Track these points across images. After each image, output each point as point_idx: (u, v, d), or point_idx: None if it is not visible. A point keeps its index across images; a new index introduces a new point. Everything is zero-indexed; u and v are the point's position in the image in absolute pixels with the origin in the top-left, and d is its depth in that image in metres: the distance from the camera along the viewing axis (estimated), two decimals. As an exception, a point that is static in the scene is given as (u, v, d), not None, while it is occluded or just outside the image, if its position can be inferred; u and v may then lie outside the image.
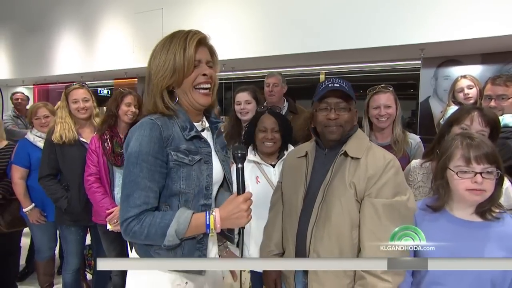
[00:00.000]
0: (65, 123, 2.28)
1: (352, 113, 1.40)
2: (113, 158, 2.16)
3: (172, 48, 1.13)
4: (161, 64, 1.13)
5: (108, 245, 2.29)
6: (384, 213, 1.25)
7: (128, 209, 1.07)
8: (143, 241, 1.09)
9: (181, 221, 1.07)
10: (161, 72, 1.13)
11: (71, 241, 2.38)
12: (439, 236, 1.19)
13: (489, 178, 1.18)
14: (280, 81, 2.92)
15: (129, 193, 1.07)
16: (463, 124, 1.55)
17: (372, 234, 1.25)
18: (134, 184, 1.07)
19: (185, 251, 1.14)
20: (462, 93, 2.50)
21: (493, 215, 1.23)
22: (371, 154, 1.35)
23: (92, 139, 2.23)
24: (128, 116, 2.20)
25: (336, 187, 1.33)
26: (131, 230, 1.07)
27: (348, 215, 1.30)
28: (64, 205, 2.27)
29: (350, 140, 1.39)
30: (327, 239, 1.31)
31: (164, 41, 1.16)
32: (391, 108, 2.02)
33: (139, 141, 1.07)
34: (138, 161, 1.07)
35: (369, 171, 1.30)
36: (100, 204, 2.14)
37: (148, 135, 1.08)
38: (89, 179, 2.17)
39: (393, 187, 1.28)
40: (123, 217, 1.07)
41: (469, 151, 1.20)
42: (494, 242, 1.19)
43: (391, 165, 1.31)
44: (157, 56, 1.15)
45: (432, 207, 1.31)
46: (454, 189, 1.24)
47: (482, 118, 1.53)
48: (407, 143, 2.04)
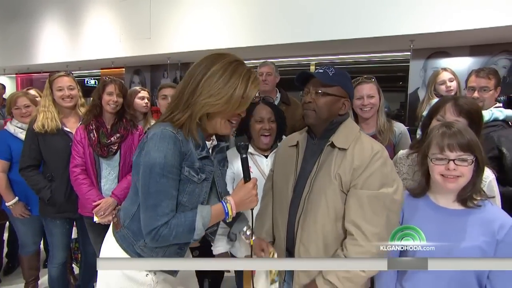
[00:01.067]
0: (48, 111, 2.22)
1: (330, 99, 1.35)
2: (99, 149, 2.12)
3: (234, 81, 1.15)
4: (216, 90, 1.14)
5: (95, 238, 2.24)
6: (368, 205, 1.25)
7: (157, 218, 1.13)
8: (170, 241, 1.17)
9: (204, 215, 1.19)
10: (214, 98, 1.15)
11: (56, 234, 2.34)
12: (422, 223, 1.21)
13: (463, 165, 1.23)
14: (274, 70, 2.92)
15: (157, 203, 1.13)
16: (438, 115, 1.59)
17: (355, 227, 1.26)
18: (162, 194, 1.14)
19: (166, 254, 1.26)
20: (444, 86, 2.54)
21: (474, 202, 1.27)
22: (358, 145, 1.34)
23: (77, 130, 2.18)
24: (110, 105, 2.15)
25: (321, 178, 1.34)
26: (160, 235, 1.14)
27: (332, 207, 1.31)
28: (47, 196, 2.22)
29: (338, 130, 1.38)
30: (313, 231, 1.33)
31: (225, 67, 1.16)
32: (374, 98, 2.05)
33: (164, 153, 1.13)
34: (165, 172, 1.13)
35: (355, 162, 1.30)
36: (86, 196, 2.11)
37: (173, 148, 1.14)
38: (74, 170, 2.13)
39: (379, 179, 1.27)
40: (152, 226, 1.13)
41: (443, 140, 1.26)
42: (475, 228, 1.23)
43: (378, 155, 1.30)
44: (213, 78, 1.15)
45: (413, 192, 1.37)
46: (432, 176, 1.30)
47: (455, 108, 1.55)
48: (392, 132, 2.08)
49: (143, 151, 1.17)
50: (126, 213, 1.29)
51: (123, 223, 1.28)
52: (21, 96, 2.58)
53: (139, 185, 1.18)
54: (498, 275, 1.21)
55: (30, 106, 2.56)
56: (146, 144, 1.17)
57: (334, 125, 1.39)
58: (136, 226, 1.23)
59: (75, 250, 2.88)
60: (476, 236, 1.21)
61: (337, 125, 1.39)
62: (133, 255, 1.25)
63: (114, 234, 1.29)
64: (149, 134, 1.18)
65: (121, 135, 2.18)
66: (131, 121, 2.27)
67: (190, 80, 1.18)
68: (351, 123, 1.43)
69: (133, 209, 1.25)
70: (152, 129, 1.20)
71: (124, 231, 1.28)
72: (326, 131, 1.39)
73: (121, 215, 1.32)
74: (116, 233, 1.29)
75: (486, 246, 1.20)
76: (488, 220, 1.23)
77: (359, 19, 3.31)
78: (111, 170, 2.17)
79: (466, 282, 1.23)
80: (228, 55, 1.20)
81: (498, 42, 3.27)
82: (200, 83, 1.16)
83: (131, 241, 1.25)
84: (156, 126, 1.20)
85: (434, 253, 1.11)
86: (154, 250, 1.24)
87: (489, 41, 3.24)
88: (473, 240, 1.20)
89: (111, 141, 2.14)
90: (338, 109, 1.38)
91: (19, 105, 2.54)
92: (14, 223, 2.58)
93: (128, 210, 1.28)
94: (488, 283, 1.22)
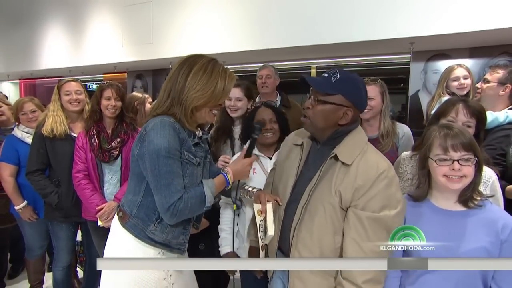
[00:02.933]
0: (57, 116, 2.26)
1: (328, 108, 1.28)
2: (101, 155, 2.15)
3: (215, 77, 1.35)
4: (202, 86, 1.33)
5: (99, 241, 2.27)
6: (369, 227, 1.22)
7: (171, 194, 1.28)
8: (187, 215, 1.34)
9: (210, 185, 1.38)
10: (200, 92, 1.34)
11: (62, 238, 2.37)
12: (426, 227, 1.21)
13: (467, 165, 1.24)
14: (273, 73, 2.94)
15: (169, 182, 1.28)
16: (449, 116, 1.59)
17: (355, 243, 1.23)
18: (171, 173, 1.29)
19: (175, 233, 1.41)
20: (458, 82, 2.39)
21: (475, 202, 1.28)
22: (363, 161, 1.26)
23: (78, 136, 2.21)
24: (109, 110, 2.18)
25: (321, 191, 1.29)
26: (178, 209, 1.29)
27: (330, 221, 1.27)
28: (55, 201, 2.25)
29: (344, 140, 1.31)
30: (309, 241, 1.30)
31: (205, 66, 1.35)
32: (373, 100, 2.02)
33: (167, 138, 1.28)
34: (170, 155, 1.28)
35: (357, 181, 1.23)
36: (89, 201, 2.13)
37: (173, 134, 1.30)
38: (77, 176, 2.16)
39: (381, 200, 1.22)
40: (169, 203, 1.27)
41: (446, 140, 1.26)
42: (479, 229, 1.24)
43: (383, 176, 1.22)
44: (197, 76, 1.33)
45: (413, 197, 1.35)
46: (435, 177, 1.29)
47: (467, 109, 1.58)
48: (396, 135, 2.05)
49: (145, 142, 1.30)
50: (131, 204, 1.40)
51: (131, 214, 1.39)
52: (27, 102, 2.64)
53: (146, 173, 1.31)
54: (503, 275, 1.22)
55: (36, 111, 2.62)
56: (147, 135, 1.30)
57: (340, 134, 1.32)
58: (144, 212, 1.37)
59: (80, 253, 2.93)
60: (480, 236, 1.22)
61: (343, 134, 1.32)
62: (145, 240, 1.37)
63: (123, 226, 1.40)
64: (148, 126, 1.31)
65: (122, 139, 2.20)
66: (131, 125, 2.30)
67: (176, 80, 1.35)
68: (359, 133, 1.34)
69: (138, 198, 1.38)
70: (149, 122, 1.33)
71: (133, 220, 1.39)
72: (330, 139, 1.34)
73: (125, 208, 1.41)
74: (124, 224, 1.40)
75: (491, 246, 1.21)
76: (491, 220, 1.24)
77: (359, 22, 3.31)
78: (113, 175, 2.20)
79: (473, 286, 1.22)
80: (203, 56, 1.39)
81: (498, 44, 3.26)
82: (187, 81, 1.33)
83: (142, 227, 1.37)
84: (153, 119, 1.33)
85: (439, 255, 1.13)
86: (164, 231, 1.38)
87: (489, 43, 3.23)
88: (478, 241, 1.21)
89: (112, 146, 2.17)
90: (337, 118, 1.29)
91: (25, 110, 2.60)
92: (22, 227, 2.61)
93: (132, 201, 1.40)
94: (493, 283, 1.23)
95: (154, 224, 1.37)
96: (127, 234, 1.39)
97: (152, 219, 1.37)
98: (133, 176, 1.42)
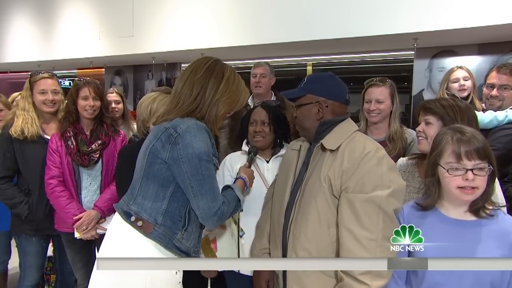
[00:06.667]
0: (28, 115, 2.18)
1: (303, 109, 1.51)
2: (79, 158, 2.12)
3: (241, 86, 1.55)
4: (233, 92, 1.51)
5: (74, 255, 2.25)
6: (361, 210, 1.28)
7: (217, 198, 1.41)
8: (227, 218, 1.51)
9: (237, 189, 1.56)
10: (232, 99, 1.51)
11: (30, 253, 2.30)
12: (432, 237, 1.23)
13: (481, 175, 1.23)
14: (268, 72, 2.94)
15: (213, 186, 1.42)
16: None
17: (349, 233, 1.29)
18: (213, 177, 1.43)
19: (196, 241, 1.51)
20: (458, 84, 2.53)
21: (487, 212, 1.28)
22: (350, 145, 1.38)
23: (52, 137, 2.17)
24: (87, 111, 2.14)
25: (312, 182, 1.40)
26: (223, 213, 1.42)
27: (323, 212, 1.35)
28: (25, 212, 2.18)
29: (332, 131, 1.45)
30: (304, 238, 1.37)
31: (233, 73, 1.54)
32: (383, 103, 2.06)
33: (205, 142, 1.41)
34: (210, 159, 1.42)
35: (344, 163, 1.34)
36: (66, 210, 2.09)
37: (208, 138, 1.43)
38: (51, 182, 2.12)
39: (371, 181, 1.30)
40: (215, 207, 1.39)
41: (460, 146, 1.24)
42: (491, 241, 1.25)
43: (370, 155, 1.32)
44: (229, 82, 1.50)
45: (422, 206, 1.35)
46: (446, 187, 1.28)
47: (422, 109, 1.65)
48: (404, 139, 2.08)
49: (179, 145, 1.38)
50: (153, 212, 1.42)
51: (156, 222, 1.41)
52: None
53: (182, 178, 1.39)
54: None
55: (3, 110, 2.56)
56: (181, 138, 1.38)
57: (326, 127, 1.46)
58: (170, 220, 1.43)
59: (47, 271, 2.86)
60: (492, 249, 1.23)
61: (330, 126, 1.46)
62: (174, 250, 1.42)
63: (149, 237, 1.40)
64: (180, 128, 1.40)
65: (103, 141, 2.18)
66: (112, 126, 2.27)
67: (207, 83, 1.47)
68: (347, 123, 1.49)
69: (162, 205, 1.43)
70: (180, 123, 1.41)
71: (160, 229, 1.41)
72: (317, 134, 1.48)
73: (144, 216, 1.42)
74: (149, 235, 1.40)
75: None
76: (504, 231, 1.26)
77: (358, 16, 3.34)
78: (92, 180, 2.18)
79: None
80: (223, 62, 1.55)
81: (509, 40, 3.32)
82: (220, 87, 1.47)
83: (170, 236, 1.42)
84: (182, 121, 1.42)
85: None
86: (189, 238, 1.47)
87: (499, 38, 3.29)
88: (489, 253, 1.23)
89: (92, 148, 2.14)
90: (315, 114, 1.48)
91: None
92: None
93: (154, 209, 1.43)
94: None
95: (182, 232, 1.43)
96: (154, 245, 1.40)
97: (179, 226, 1.43)
98: (153, 180, 1.44)
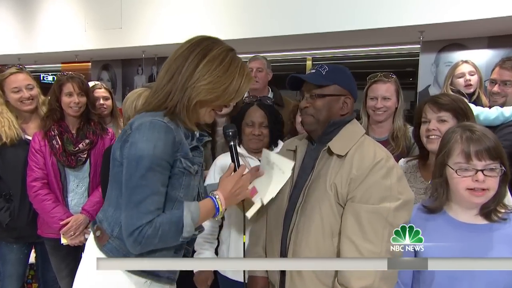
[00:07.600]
0: (4, 118, 2.12)
1: (327, 100, 1.39)
2: (65, 159, 2.08)
3: (232, 71, 1.26)
4: (216, 77, 1.24)
5: (59, 263, 2.22)
6: (367, 221, 1.26)
7: (140, 215, 1.16)
8: (155, 244, 1.20)
9: (193, 210, 1.23)
10: (212, 85, 1.24)
11: (10, 261, 2.26)
12: (440, 242, 1.23)
13: (492, 176, 1.22)
14: (265, 66, 2.94)
15: (142, 199, 1.17)
16: (422, 118, 1.66)
17: (351, 243, 1.27)
18: (148, 189, 1.18)
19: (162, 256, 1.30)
20: (463, 79, 2.52)
21: (499, 215, 1.27)
22: (359, 151, 1.35)
23: (34, 137, 2.13)
24: (72, 108, 2.11)
25: (316, 188, 1.36)
26: (144, 236, 1.16)
27: (327, 221, 1.32)
28: (6, 219, 2.14)
29: (339, 134, 1.40)
30: (305, 246, 1.35)
31: (223, 54, 1.26)
32: (390, 100, 2.05)
33: (153, 144, 1.17)
34: (153, 165, 1.17)
35: (353, 171, 1.31)
36: (51, 215, 2.06)
37: (164, 138, 1.19)
38: (34, 185, 2.08)
39: (380, 191, 1.27)
40: (134, 225, 1.16)
41: (470, 146, 1.23)
42: (503, 246, 1.24)
43: (380, 165, 1.29)
44: (212, 64, 1.24)
45: (429, 208, 1.34)
46: (454, 189, 1.28)
47: (435, 105, 1.62)
48: (407, 138, 2.08)
49: (127, 143, 1.21)
50: (113, 221, 1.29)
51: (111, 234, 1.28)
52: None
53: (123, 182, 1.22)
54: None
55: None
56: (131, 135, 1.21)
57: (334, 127, 1.41)
58: None
59: (29, 279, 2.82)
60: (503, 254, 1.23)
61: (338, 128, 1.41)
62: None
63: (101, 249, 1.28)
64: (134, 124, 1.22)
65: (91, 141, 2.15)
66: (99, 124, 2.24)
67: (184, 62, 1.24)
68: (354, 125, 1.44)
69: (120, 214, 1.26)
70: (138, 119, 1.24)
71: (114, 243, 1.27)
72: (324, 134, 1.42)
73: (105, 226, 1.30)
74: (103, 247, 1.28)
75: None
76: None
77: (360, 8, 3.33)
78: (79, 182, 2.16)
79: None
80: (222, 42, 1.30)
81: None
82: (199, 67, 1.23)
83: (125, 252, 1.25)
84: (142, 116, 1.25)
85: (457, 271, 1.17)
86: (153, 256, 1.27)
87: (510, 31, 3.29)
88: None
89: (79, 148, 2.12)
90: (338, 109, 1.41)
91: None
92: None
93: (113, 218, 1.29)
94: None
95: None
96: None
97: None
98: (114, 184, 1.30)
